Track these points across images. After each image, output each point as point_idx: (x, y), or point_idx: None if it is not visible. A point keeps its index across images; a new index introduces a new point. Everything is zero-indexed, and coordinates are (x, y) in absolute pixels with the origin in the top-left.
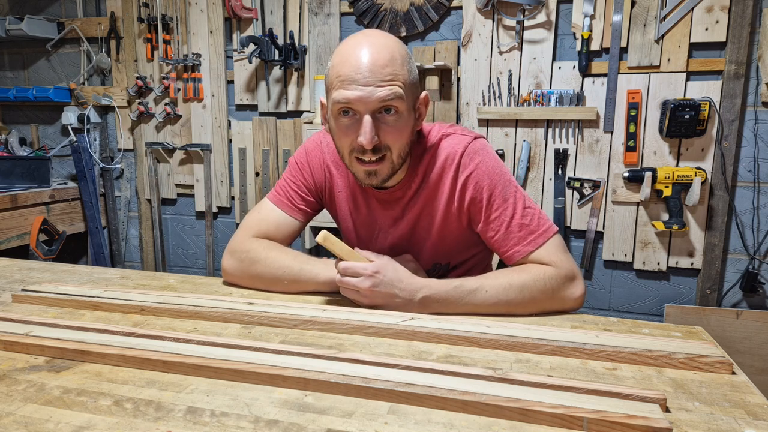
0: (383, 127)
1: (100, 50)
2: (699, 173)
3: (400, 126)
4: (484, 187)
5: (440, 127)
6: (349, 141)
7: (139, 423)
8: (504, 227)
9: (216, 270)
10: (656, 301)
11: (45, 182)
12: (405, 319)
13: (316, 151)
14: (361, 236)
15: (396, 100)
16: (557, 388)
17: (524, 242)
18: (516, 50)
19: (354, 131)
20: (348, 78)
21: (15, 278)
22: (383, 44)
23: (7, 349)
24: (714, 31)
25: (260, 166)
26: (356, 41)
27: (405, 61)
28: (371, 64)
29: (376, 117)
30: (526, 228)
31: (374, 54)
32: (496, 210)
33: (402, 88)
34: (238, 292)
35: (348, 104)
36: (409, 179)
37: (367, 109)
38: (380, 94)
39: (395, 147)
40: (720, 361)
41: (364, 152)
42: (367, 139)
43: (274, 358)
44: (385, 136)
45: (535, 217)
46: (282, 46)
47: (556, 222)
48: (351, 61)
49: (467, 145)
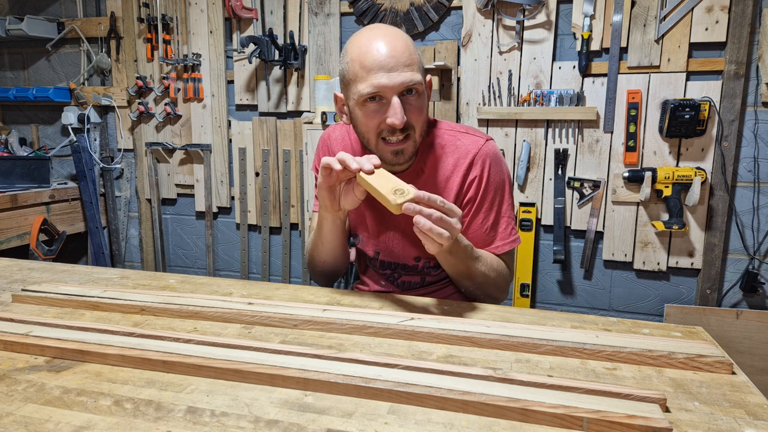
0: (408, 107)
1: (100, 50)
2: (699, 173)
3: (421, 105)
4: (484, 189)
5: (452, 125)
6: (376, 124)
7: (139, 423)
8: (484, 229)
9: (216, 270)
10: (656, 301)
11: (45, 182)
12: (405, 319)
13: (324, 148)
14: (370, 223)
15: (417, 83)
16: (557, 388)
17: (493, 245)
18: (516, 50)
19: (381, 114)
20: (374, 66)
21: (15, 278)
22: (395, 33)
23: (7, 349)
24: (714, 31)
25: (260, 166)
26: (370, 34)
27: (415, 47)
28: (392, 50)
29: (400, 99)
30: (500, 234)
31: (392, 42)
32: (484, 212)
33: (419, 71)
34: (238, 292)
35: (377, 92)
36: (418, 165)
37: (394, 92)
38: (404, 79)
39: (418, 125)
40: (720, 361)
41: (393, 132)
42: (399, 119)
43: (274, 358)
44: (410, 116)
45: (509, 226)
46: (282, 46)
47: (556, 222)
48: (372, 51)
49: (480, 147)
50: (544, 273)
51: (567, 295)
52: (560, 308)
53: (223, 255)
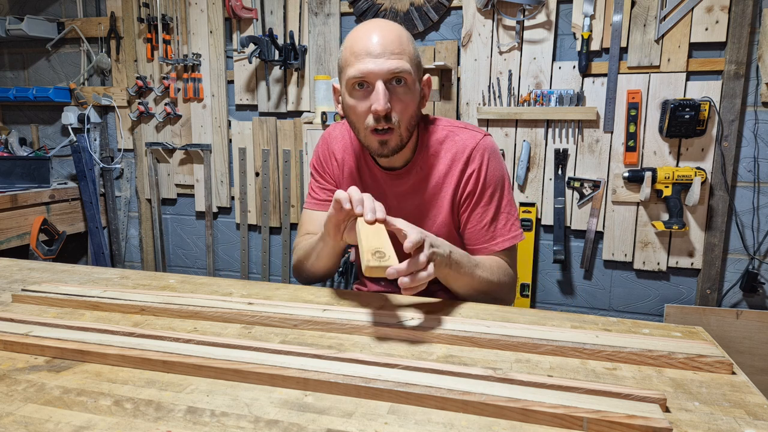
0: (393, 97)
1: (100, 50)
2: (699, 173)
3: (408, 98)
4: (483, 183)
5: (450, 121)
6: (364, 111)
7: (139, 423)
8: (483, 224)
9: (216, 270)
10: (656, 301)
11: (45, 182)
12: (405, 319)
13: (323, 146)
14: None
15: (405, 72)
16: (557, 388)
17: (494, 241)
18: (516, 50)
19: (368, 102)
20: (362, 52)
21: (15, 278)
22: (390, 25)
23: (7, 349)
24: (714, 31)
25: (260, 166)
26: (366, 25)
27: (410, 41)
28: (382, 39)
29: (387, 87)
30: (500, 230)
31: (383, 32)
32: (483, 206)
33: (409, 62)
34: (238, 292)
35: (363, 76)
36: (416, 163)
37: (378, 77)
38: (390, 65)
39: (404, 118)
40: (720, 361)
41: (378, 120)
42: (381, 104)
43: (274, 358)
44: (395, 105)
45: (509, 223)
46: (282, 46)
47: (556, 222)
48: (363, 39)
49: (478, 141)
50: (544, 273)
51: (567, 295)
52: (560, 308)
53: (223, 255)
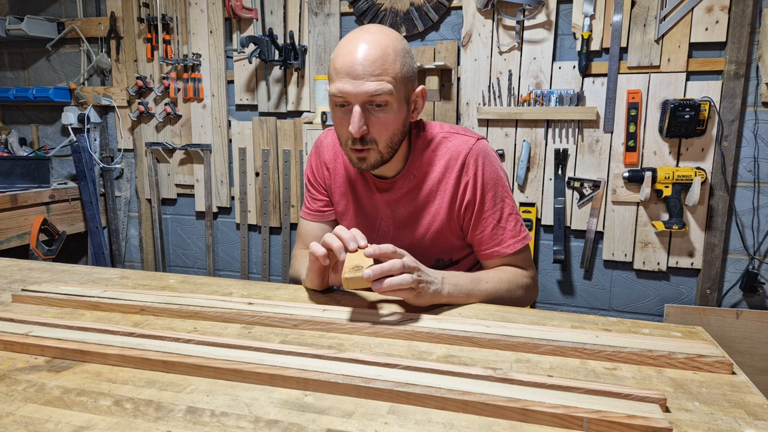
0: (372, 118)
1: (100, 50)
2: (699, 173)
3: (388, 120)
4: (481, 189)
5: (443, 126)
6: (345, 129)
7: (139, 423)
8: (490, 228)
9: (216, 270)
10: (656, 301)
11: (45, 182)
12: (405, 319)
13: (314, 157)
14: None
15: (384, 95)
16: (557, 388)
17: (504, 245)
18: (516, 50)
19: (348, 120)
20: (342, 71)
21: (15, 278)
22: (377, 40)
23: (7, 349)
24: (714, 31)
25: (260, 166)
26: (353, 36)
27: (398, 56)
28: (362, 59)
29: (366, 108)
30: (509, 232)
31: (367, 50)
32: (487, 211)
33: (392, 83)
34: (238, 292)
35: (341, 97)
36: (408, 171)
37: (356, 100)
38: (368, 89)
39: (381, 138)
40: (720, 361)
41: (354, 141)
42: (355, 129)
43: (274, 358)
44: (372, 128)
45: (518, 224)
46: (282, 46)
47: (556, 222)
48: (345, 55)
49: (471, 146)
50: (544, 273)
51: (567, 295)
52: (560, 308)
53: (223, 255)
